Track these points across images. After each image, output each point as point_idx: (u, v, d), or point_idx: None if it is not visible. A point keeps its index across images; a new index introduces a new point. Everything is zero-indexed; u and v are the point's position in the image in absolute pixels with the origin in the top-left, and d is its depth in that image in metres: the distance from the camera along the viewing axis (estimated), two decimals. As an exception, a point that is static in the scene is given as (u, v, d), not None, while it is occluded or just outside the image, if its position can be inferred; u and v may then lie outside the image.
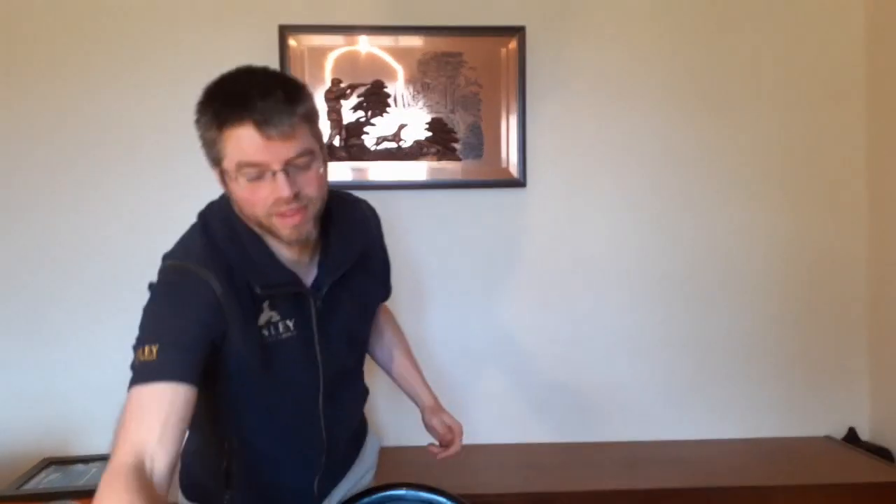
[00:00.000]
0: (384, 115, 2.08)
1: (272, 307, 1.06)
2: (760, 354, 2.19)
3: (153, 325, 0.98)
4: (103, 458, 1.98)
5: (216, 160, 0.99)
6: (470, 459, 1.50)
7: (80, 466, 1.95)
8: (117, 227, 2.05)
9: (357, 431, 1.36)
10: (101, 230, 2.05)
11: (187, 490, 1.24)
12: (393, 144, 2.10)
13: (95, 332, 2.04)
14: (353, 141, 2.08)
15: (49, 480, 1.86)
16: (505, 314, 2.16)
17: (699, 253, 2.17)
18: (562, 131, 2.14)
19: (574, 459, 2.02)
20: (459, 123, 2.11)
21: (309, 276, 1.11)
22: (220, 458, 1.14)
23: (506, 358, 2.16)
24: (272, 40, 2.03)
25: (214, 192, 2.28)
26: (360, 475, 1.35)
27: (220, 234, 1.06)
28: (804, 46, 2.17)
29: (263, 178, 0.95)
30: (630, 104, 2.14)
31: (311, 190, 0.98)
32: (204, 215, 1.12)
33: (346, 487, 1.31)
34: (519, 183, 2.11)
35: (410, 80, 2.09)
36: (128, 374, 0.95)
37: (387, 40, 2.07)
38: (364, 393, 1.35)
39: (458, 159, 2.11)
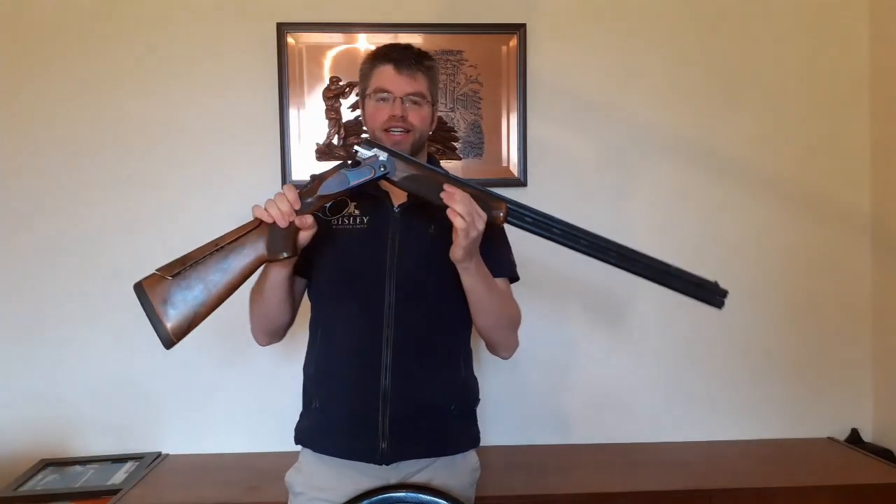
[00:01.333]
0: (383, 113, 2.07)
1: (357, 207, 1.32)
2: (763, 355, 2.18)
3: None
4: (101, 460, 1.98)
5: (364, 89, 1.34)
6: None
7: (77, 468, 1.95)
8: (116, 228, 2.03)
9: (446, 420, 1.32)
10: (99, 231, 2.03)
11: (297, 434, 1.38)
12: (392, 143, 2.08)
13: (93, 333, 2.03)
14: (352, 140, 2.06)
15: (46, 482, 1.86)
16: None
17: (701, 252, 2.15)
18: (563, 130, 2.12)
19: (576, 461, 2.01)
20: (459, 122, 2.09)
21: (399, 201, 1.33)
22: (313, 352, 1.35)
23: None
24: (270, 38, 2.02)
25: (214, 191, 2.25)
26: (450, 481, 1.32)
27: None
28: (807, 46, 2.16)
29: (387, 101, 1.29)
30: (632, 103, 2.12)
31: (415, 120, 1.29)
32: None
33: (425, 476, 1.30)
34: (520, 182, 2.09)
35: (410, 79, 2.07)
36: (126, 377, 0.93)
37: (386, 38, 2.04)
38: (458, 357, 1.37)
39: (459, 158, 2.10)
